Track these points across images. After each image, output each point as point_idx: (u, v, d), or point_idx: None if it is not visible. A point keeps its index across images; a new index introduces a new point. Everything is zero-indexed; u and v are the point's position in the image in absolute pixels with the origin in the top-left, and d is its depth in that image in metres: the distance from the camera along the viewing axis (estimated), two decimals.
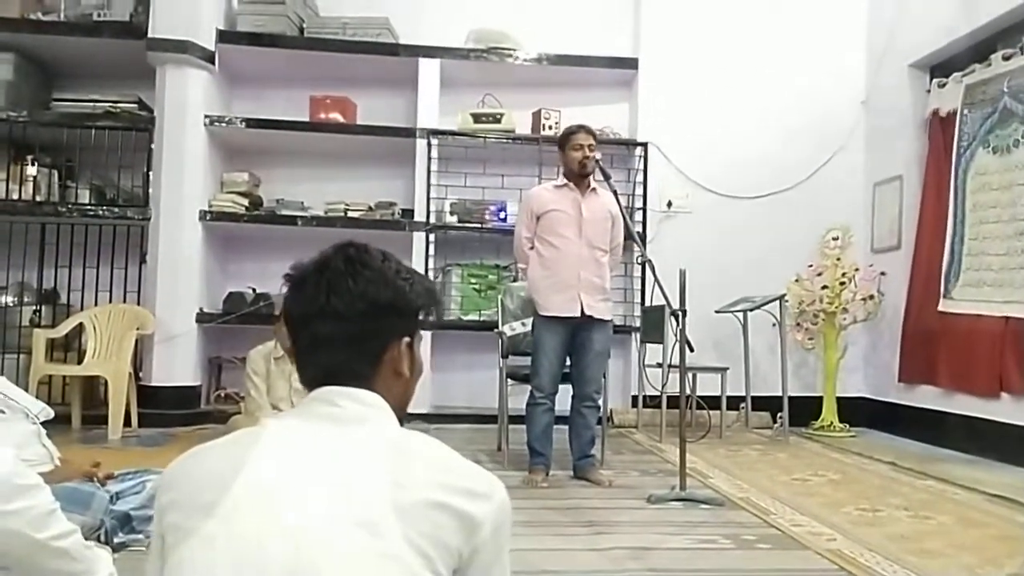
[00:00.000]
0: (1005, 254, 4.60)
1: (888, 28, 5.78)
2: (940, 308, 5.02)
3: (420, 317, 1.13)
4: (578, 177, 3.83)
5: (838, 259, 5.48)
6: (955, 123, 5.08)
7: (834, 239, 5.59)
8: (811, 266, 5.56)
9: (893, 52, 5.73)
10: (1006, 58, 4.68)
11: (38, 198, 5.47)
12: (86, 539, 1.69)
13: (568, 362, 3.89)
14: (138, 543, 2.39)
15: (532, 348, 3.90)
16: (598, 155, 3.87)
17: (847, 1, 6.07)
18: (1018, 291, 4.46)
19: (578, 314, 3.74)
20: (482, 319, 5.61)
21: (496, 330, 4.39)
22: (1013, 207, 4.58)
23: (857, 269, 5.46)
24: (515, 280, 3.90)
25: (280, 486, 0.93)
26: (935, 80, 5.42)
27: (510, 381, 4.23)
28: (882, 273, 5.57)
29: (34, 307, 5.62)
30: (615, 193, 3.83)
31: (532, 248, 3.88)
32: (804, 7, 6.03)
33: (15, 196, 5.45)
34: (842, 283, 5.38)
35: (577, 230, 3.79)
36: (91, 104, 5.53)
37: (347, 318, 1.04)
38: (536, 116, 5.87)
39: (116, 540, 2.36)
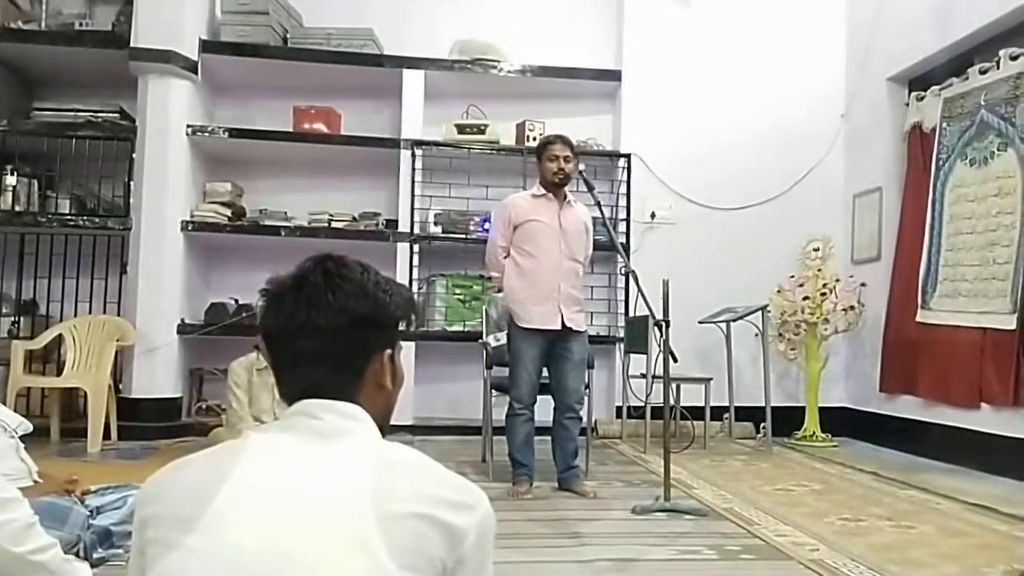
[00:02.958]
0: (979, 265, 4.66)
1: (867, 42, 5.86)
2: (918, 319, 5.07)
3: (400, 327, 1.12)
4: (555, 187, 3.83)
5: (819, 270, 5.53)
6: (934, 136, 5.15)
7: (815, 250, 5.64)
8: (792, 277, 5.60)
9: (872, 66, 5.81)
10: (983, 72, 4.76)
11: (17, 208, 5.40)
12: (64, 553, 1.67)
13: (547, 374, 3.88)
14: (118, 558, 2.36)
15: (509, 359, 3.88)
16: (582, 166, 3.88)
17: (826, 16, 6.14)
18: (992, 302, 4.52)
19: (558, 327, 3.74)
20: (466, 330, 5.60)
21: (480, 341, 4.39)
22: (987, 218, 4.65)
23: (838, 280, 5.50)
24: (499, 291, 3.88)
25: (262, 500, 0.92)
26: (913, 93, 5.49)
27: (494, 392, 4.21)
28: (862, 284, 5.62)
29: (12, 318, 5.55)
30: (598, 204, 3.84)
31: (507, 257, 3.87)
32: (784, 22, 6.10)
33: None
34: (823, 294, 5.43)
35: (557, 242, 3.79)
36: (72, 113, 5.48)
37: (328, 333, 1.04)
38: (520, 127, 5.90)
39: (95, 555, 2.33)
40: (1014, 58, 4.49)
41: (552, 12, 6.22)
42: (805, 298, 5.45)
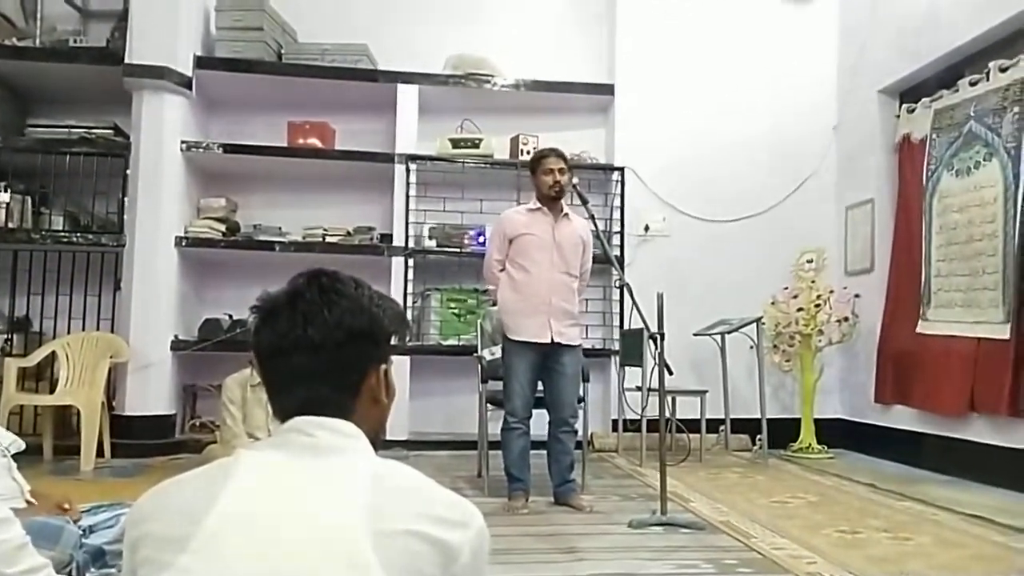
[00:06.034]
0: (970, 275, 4.68)
1: (857, 55, 5.90)
2: (918, 330, 5.07)
3: (392, 342, 1.12)
4: (550, 201, 3.84)
5: (813, 282, 5.54)
6: (924, 147, 5.19)
7: (808, 262, 5.65)
8: (786, 288, 5.61)
9: (863, 78, 5.85)
10: (973, 84, 4.79)
11: (11, 225, 5.37)
12: (57, 574, 1.65)
13: (541, 387, 3.87)
14: None
15: (503, 373, 3.88)
16: (576, 180, 3.89)
17: (817, 29, 6.19)
18: (986, 312, 4.53)
19: (548, 340, 3.74)
20: (461, 344, 5.59)
21: (475, 355, 4.38)
22: (971, 227, 4.68)
23: (832, 291, 5.52)
24: (494, 304, 3.89)
25: (255, 518, 0.92)
26: (904, 105, 5.53)
27: (490, 406, 4.21)
28: (856, 295, 5.63)
29: (5, 335, 5.52)
30: (592, 217, 3.85)
31: (502, 271, 3.88)
32: (775, 35, 6.15)
33: None
34: (817, 305, 5.43)
35: (550, 255, 3.80)
36: (66, 130, 5.47)
37: (324, 349, 1.03)
38: (514, 141, 5.91)
39: (88, 575, 2.31)
40: (1004, 70, 4.52)
41: (545, 27, 6.27)
42: (799, 310, 5.45)
